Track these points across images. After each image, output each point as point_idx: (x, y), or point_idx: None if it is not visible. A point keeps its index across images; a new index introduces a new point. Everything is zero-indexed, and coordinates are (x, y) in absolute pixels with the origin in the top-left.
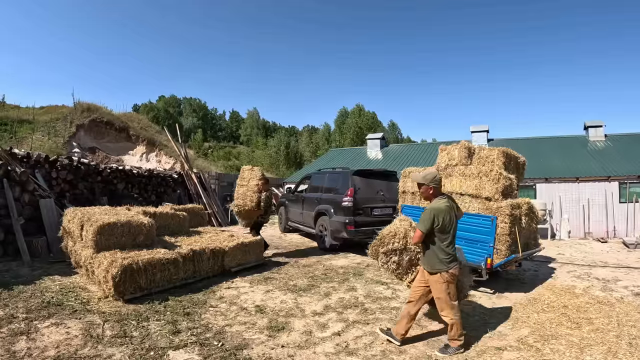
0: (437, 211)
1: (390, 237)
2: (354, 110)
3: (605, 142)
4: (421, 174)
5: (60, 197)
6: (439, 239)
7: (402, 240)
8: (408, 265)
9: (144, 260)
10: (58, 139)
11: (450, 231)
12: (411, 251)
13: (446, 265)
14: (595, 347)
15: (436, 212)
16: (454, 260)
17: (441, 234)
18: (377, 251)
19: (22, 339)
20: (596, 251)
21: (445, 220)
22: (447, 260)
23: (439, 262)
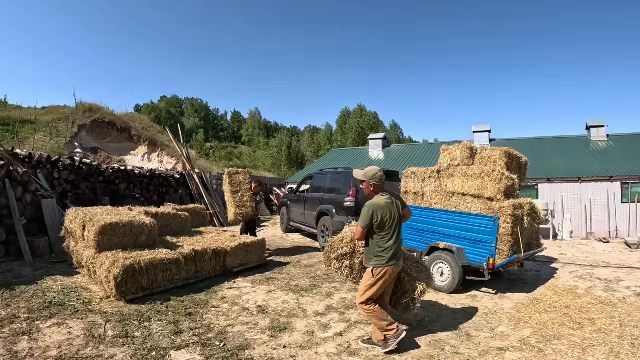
0: (376, 207)
1: (339, 242)
2: (356, 110)
3: (607, 142)
4: (363, 172)
5: (63, 197)
6: (378, 235)
7: (350, 244)
8: (360, 269)
9: (146, 260)
10: (60, 139)
11: (389, 228)
12: (361, 254)
13: (385, 262)
14: (598, 347)
15: (375, 208)
16: (392, 259)
17: (380, 230)
18: (329, 258)
19: (24, 339)
20: (598, 251)
21: (384, 217)
22: (382, 257)
23: (375, 258)
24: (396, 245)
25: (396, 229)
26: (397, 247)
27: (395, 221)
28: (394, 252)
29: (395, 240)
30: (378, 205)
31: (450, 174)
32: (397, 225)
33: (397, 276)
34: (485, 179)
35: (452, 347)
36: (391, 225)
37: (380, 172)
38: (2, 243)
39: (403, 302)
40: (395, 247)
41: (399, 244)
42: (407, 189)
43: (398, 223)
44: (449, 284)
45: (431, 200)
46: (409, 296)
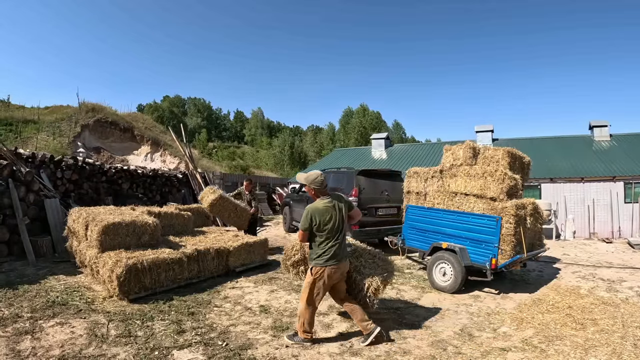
0: (314, 211)
1: (291, 250)
2: (359, 110)
3: (610, 142)
4: (304, 176)
5: (65, 197)
6: (319, 237)
7: (300, 251)
8: None
9: (148, 260)
10: (63, 139)
11: (329, 230)
12: None
13: (324, 262)
14: (600, 348)
15: (312, 211)
16: (330, 260)
17: (319, 232)
18: (286, 265)
19: (26, 338)
20: (601, 251)
21: (323, 220)
22: (321, 258)
23: (315, 258)
24: (336, 247)
25: (337, 232)
26: (336, 248)
27: (336, 224)
28: (334, 253)
29: (334, 242)
30: (316, 209)
31: (453, 174)
32: (338, 227)
33: (349, 275)
34: (488, 179)
35: (454, 347)
36: (331, 228)
37: (320, 177)
38: (5, 242)
39: (360, 299)
40: (335, 248)
41: (339, 246)
42: (410, 189)
43: (339, 226)
44: (452, 284)
45: (434, 200)
46: (362, 294)
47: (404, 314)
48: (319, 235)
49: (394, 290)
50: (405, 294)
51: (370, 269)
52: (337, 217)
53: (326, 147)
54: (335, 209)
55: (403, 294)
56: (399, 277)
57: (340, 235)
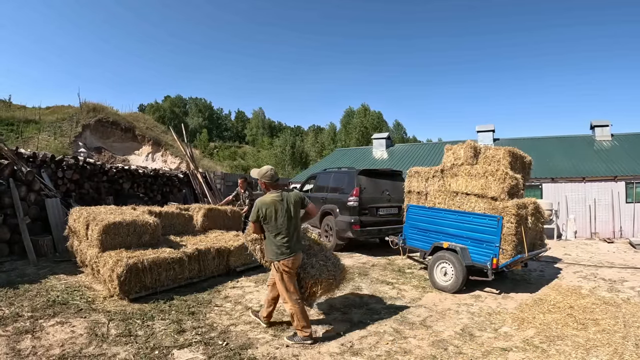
0: (262, 204)
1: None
2: (360, 109)
3: (611, 142)
4: (257, 171)
5: (66, 196)
6: (269, 230)
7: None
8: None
9: (149, 259)
10: (64, 138)
11: (277, 223)
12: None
13: (276, 256)
14: (602, 348)
15: (260, 204)
16: (285, 253)
17: (267, 225)
18: (247, 240)
19: (27, 337)
20: (602, 251)
21: (269, 212)
22: (276, 251)
23: (270, 252)
24: (287, 240)
25: (285, 225)
26: (288, 241)
27: (284, 218)
28: (287, 246)
29: (286, 236)
30: (264, 202)
31: (454, 174)
32: (286, 221)
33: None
34: (489, 179)
35: (455, 347)
36: (276, 221)
37: (271, 172)
38: (6, 242)
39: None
40: (286, 241)
41: (290, 239)
42: (411, 189)
43: (288, 220)
44: (453, 284)
45: (435, 199)
46: (304, 292)
47: (404, 314)
48: (268, 227)
49: (395, 290)
50: (406, 294)
51: (317, 270)
52: (285, 210)
53: (327, 147)
54: (283, 203)
55: (404, 294)
56: (400, 276)
57: (291, 230)
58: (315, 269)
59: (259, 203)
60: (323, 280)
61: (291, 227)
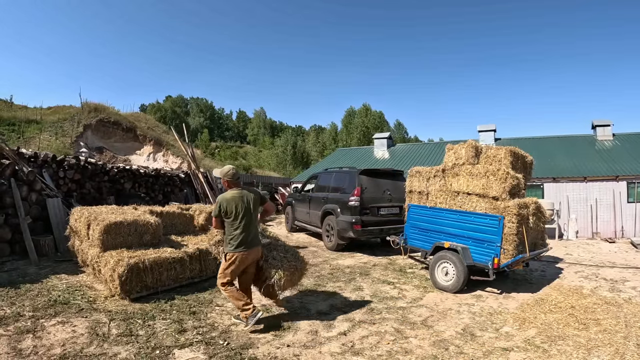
0: (222, 199)
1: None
2: (361, 109)
3: (613, 142)
4: (220, 170)
5: (68, 196)
6: (229, 225)
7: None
8: None
9: (150, 259)
10: (65, 138)
11: (236, 218)
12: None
13: (234, 248)
14: (603, 348)
15: (221, 200)
16: (239, 246)
17: (227, 219)
18: (210, 244)
19: (28, 337)
20: (604, 251)
21: (229, 207)
22: (234, 244)
23: (226, 244)
24: (244, 234)
25: (243, 220)
26: (245, 236)
27: (242, 213)
28: (242, 240)
29: (242, 230)
30: (225, 198)
31: (455, 173)
32: (245, 216)
33: (259, 264)
34: (491, 178)
35: (456, 347)
36: (237, 216)
37: (232, 171)
38: (7, 242)
39: (264, 287)
40: (243, 236)
41: (247, 234)
42: (412, 188)
43: (246, 215)
44: (454, 284)
45: (436, 199)
46: (268, 282)
47: (406, 314)
48: (228, 222)
49: (396, 289)
50: (407, 294)
51: (279, 262)
52: (244, 206)
53: (329, 147)
54: (242, 199)
55: (405, 294)
56: (401, 276)
57: (248, 224)
58: (277, 260)
59: (220, 199)
60: (285, 271)
61: (249, 222)
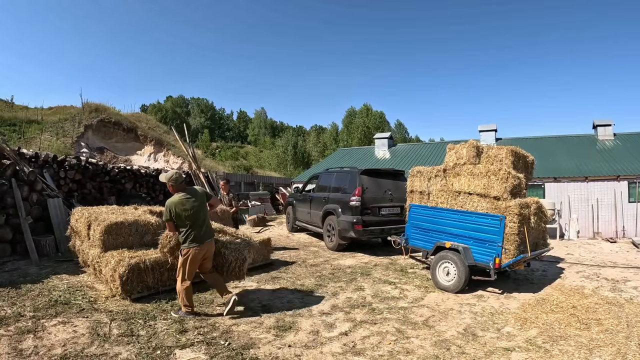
0: (171, 203)
1: (166, 237)
2: (362, 109)
3: (614, 141)
4: (164, 175)
5: (69, 196)
6: (182, 225)
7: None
8: None
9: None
10: (66, 139)
11: (187, 218)
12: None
13: (188, 243)
14: (605, 348)
15: (170, 204)
16: (193, 242)
17: (179, 220)
18: (164, 253)
19: (29, 337)
20: (605, 251)
21: (179, 210)
22: (186, 241)
23: (183, 242)
24: (196, 231)
25: (194, 218)
26: (197, 232)
27: (192, 212)
28: (195, 236)
29: (195, 227)
30: (173, 202)
31: (457, 173)
32: (195, 214)
33: (218, 252)
34: (492, 178)
35: (458, 347)
36: (188, 216)
37: (175, 175)
38: (8, 242)
39: (231, 271)
40: (196, 232)
41: (199, 230)
42: (413, 188)
43: (196, 213)
44: (455, 284)
45: (437, 199)
46: (234, 265)
47: (407, 314)
48: (180, 222)
49: (397, 289)
50: (408, 294)
51: (235, 246)
52: (193, 205)
53: (329, 147)
54: (190, 199)
55: (406, 294)
56: (402, 276)
57: (199, 221)
58: (233, 245)
59: (169, 203)
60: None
61: (199, 219)
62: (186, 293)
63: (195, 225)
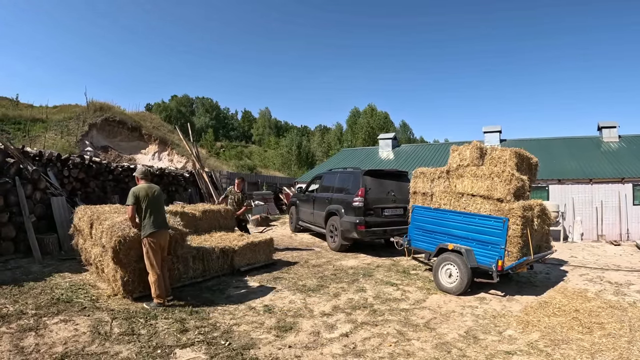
0: (137, 189)
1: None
2: (366, 110)
3: (619, 143)
4: (137, 169)
5: (72, 195)
6: (141, 212)
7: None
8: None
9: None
10: (71, 137)
11: (147, 207)
12: None
13: (145, 232)
14: (607, 352)
15: (135, 190)
16: (151, 228)
17: (139, 207)
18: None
19: (30, 334)
20: (609, 254)
21: (142, 195)
22: (145, 230)
23: (142, 231)
24: (152, 218)
25: (151, 206)
26: (153, 220)
27: (150, 201)
28: (151, 224)
29: (150, 215)
30: (138, 189)
31: (460, 175)
32: (152, 204)
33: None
34: (495, 180)
35: (459, 350)
36: (147, 204)
37: (143, 168)
38: (11, 240)
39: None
40: (152, 220)
41: (155, 219)
42: (416, 189)
43: (152, 202)
44: (457, 286)
45: (440, 200)
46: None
47: (408, 316)
48: (140, 210)
49: (399, 291)
50: (410, 295)
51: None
52: (152, 194)
53: (334, 147)
54: (149, 189)
55: (408, 295)
56: (405, 278)
57: (155, 211)
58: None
59: (135, 189)
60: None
61: (156, 209)
62: (157, 284)
63: (151, 213)
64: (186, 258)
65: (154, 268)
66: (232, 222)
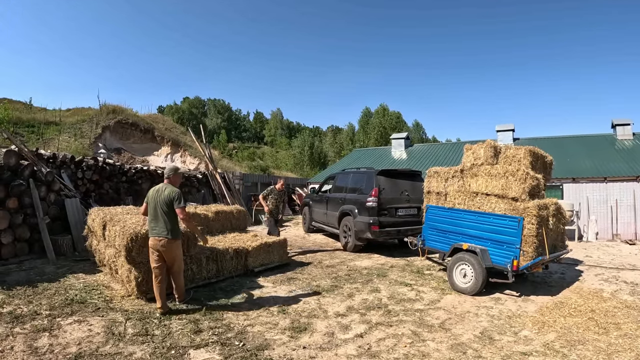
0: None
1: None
2: (378, 110)
3: (633, 141)
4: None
5: (86, 196)
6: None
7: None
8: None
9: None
10: (84, 140)
11: (150, 208)
12: None
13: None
14: (624, 353)
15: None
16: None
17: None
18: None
19: (44, 335)
20: (624, 253)
21: (149, 195)
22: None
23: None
24: (150, 220)
25: (151, 208)
26: (149, 221)
27: (151, 202)
28: (149, 226)
29: (149, 216)
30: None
31: (474, 174)
32: (153, 207)
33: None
34: (510, 179)
35: (474, 351)
36: (149, 202)
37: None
38: (26, 241)
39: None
40: (149, 221)
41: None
42: (430, 189)
43: (154, 206)
44: (472, 286)
45: (454, 200)
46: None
47: (423, 316)
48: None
49: (414, 291)
50: (425, 296)
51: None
52: (155, 197)
53: (346, 148)
54: (156, 190)
55: (423, 296)
56: (419, 278)
57: (154, 213)
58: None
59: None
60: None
61: (155, 212)
62: (155, 287)
63: (150, 215)
64: (200, 259)
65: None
66: (244, 223)
